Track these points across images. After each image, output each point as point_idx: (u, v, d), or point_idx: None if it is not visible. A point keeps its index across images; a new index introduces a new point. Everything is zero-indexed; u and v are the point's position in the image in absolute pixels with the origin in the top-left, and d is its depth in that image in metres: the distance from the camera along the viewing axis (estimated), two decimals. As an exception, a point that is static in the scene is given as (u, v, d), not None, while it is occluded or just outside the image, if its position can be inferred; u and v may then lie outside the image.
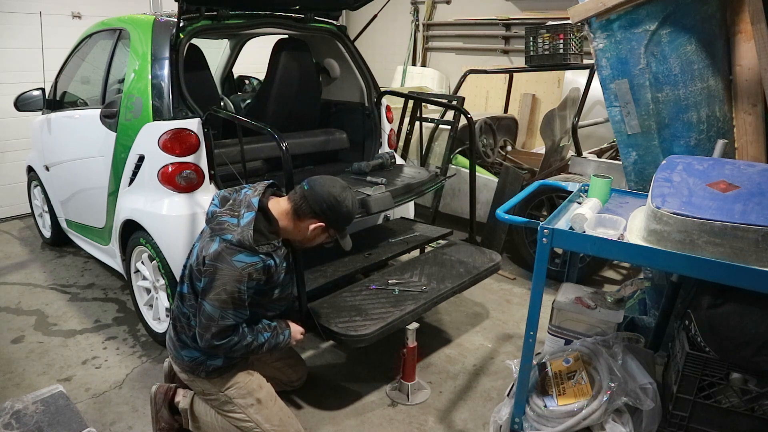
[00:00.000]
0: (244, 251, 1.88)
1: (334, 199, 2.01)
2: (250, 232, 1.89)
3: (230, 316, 1.90)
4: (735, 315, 1.59)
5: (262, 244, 1.92)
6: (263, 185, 2.07)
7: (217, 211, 2.00)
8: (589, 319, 2.03)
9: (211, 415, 2.17)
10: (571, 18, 2.05)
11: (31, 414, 1.61)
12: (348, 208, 2.06)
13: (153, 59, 2.77)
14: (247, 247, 1.88)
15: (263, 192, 2.03)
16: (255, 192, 2.02)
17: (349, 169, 3.26)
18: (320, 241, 2.13)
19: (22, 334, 3.11)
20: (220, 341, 1.92)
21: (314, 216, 2.02)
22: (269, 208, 2.02)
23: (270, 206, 2.03)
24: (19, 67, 4.79)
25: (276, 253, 1.99)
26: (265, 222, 1.98)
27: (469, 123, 3.25)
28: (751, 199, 1.56)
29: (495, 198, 4.02)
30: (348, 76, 3.62)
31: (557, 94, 5.62)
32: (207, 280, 1.89)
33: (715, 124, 2.03)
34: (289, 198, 2.06)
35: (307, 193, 2.01)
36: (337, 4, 3.41)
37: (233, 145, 2.93)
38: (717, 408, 1.69)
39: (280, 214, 2.03)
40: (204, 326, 1.90)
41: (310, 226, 2.03)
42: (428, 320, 3.24)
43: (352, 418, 2.45)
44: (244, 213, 1.94)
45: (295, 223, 2.04)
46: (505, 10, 6.21)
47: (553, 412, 1.85)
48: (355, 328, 2.29)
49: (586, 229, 1.72)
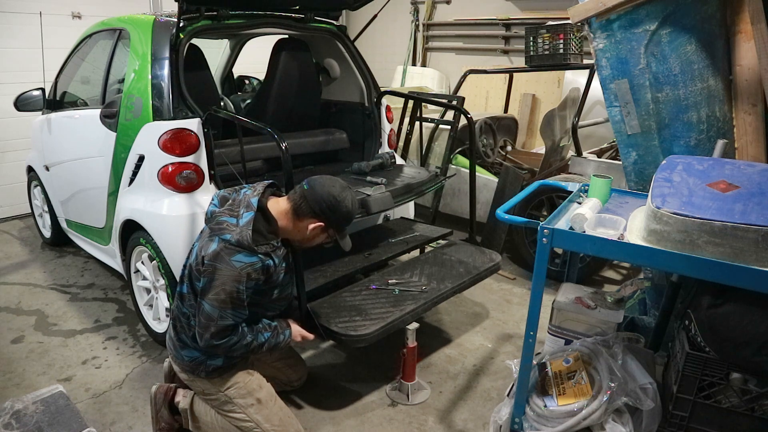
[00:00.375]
0: (242, 251, 1.88)
1: (334, 198, 2.00)
2: (249, 232, 1.89)
3: (229, 315, 1.90)
4: (735, 315, 1.59)
5: (261, 244, 1.92)
6: (263, 185, 2.07)
7: (217, 210, 2.01)
8: (589, 319, 2.03)
9: (211, 415, 2.17)
10: (571, 18, 2.05)
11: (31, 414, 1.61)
12: (348, 208, 2.05)
13: (153, 59, 2.78)
14: (245, 247, 1.88)
15: (263, 192, 2.03)
16: (254, 192, 2.02)
17: (349, 169, 3.26)
18: (320, 241, 2.12)
19: (22, 334, 3.11)
20: (220, 341, 1.92)
21: (314, 216, 2.02)
22: (268, 208, 2.02)
23: (269, 206, 2.02)
24: (19, 67, 4.79)
25: (275, 253, 1.98)
26: (264, 222, 1.98)
27: (469, 123, 3.25)
28: (751, 199, 1.56)
29: (495, 198, 4.02)
30: (348, 76, 3.62)
31: (557, 94, 5.62)
32: (206, 280, 1.89)
33: (715, 124, 2.03)
34: (289, 198, 2.06)
35: (307, 193, 2.01)
36: (337, 4, 3.41)
37: (233, 145, 2.93)
38: (717, 408, 1.69)
39: (280, 213, 2.03)
40: (203, 326, 1.90)
41: (310, 226, 2.03)
42: (428, 320, 3.24)
43: (352, 418, 2.45)
44: (243, 213, 1.94)
45: (294, 223, 2.04)
46: (505, 10, 6.21)
47: (553, 412, 1.85)
48: (355, 328, 2.29)
49: (586, 229, 1.72)
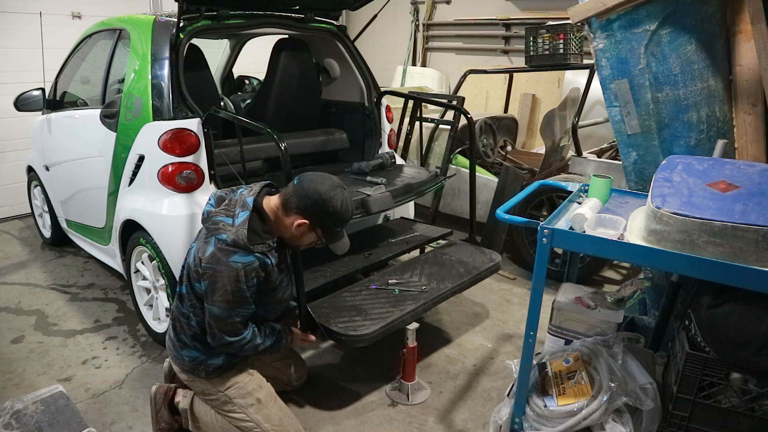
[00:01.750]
0: (239, 251, 1.88)
1: (319, 196, 1.94)
2: (245, 231, 1.89)
3: (238, 313, 1.93)
4: (735, 315, 1.59)
5: (257, 244, 1.92)
6: (259, 185, 2.06)
7: (213, 210, 2.00)
8: (589, 319, 2.03)
9: (211, 415, 2.17)
10: (571, 18, 2.05)
11: (31, 414, 1.61)
12: (335, 208, 1.96)
13: (153, 59, 2.78)
14: (241, 246, 1.88)
15: (258, 191, 2.02)
16: (250, 192, 2.01)
17: (349, 169, 3.26)
18: (309, 240, 2.06)
19: (22, 334, 3.11)
20: (233, 338, 1.97)
21: (298, 212, 1.97)
22: (263, 207, 2.01)
23: (263, 204, 2.02)
24: (19, 67, 4.79)
25: (271, 252, 1.98)
26: (259, 221, 1.97)
27: (469, 123, 3.24)
28: (751, 199, 1.56)
29: (495, 198, 4.02)
30: (348, 76, 3.62)
31: (557, 94, 5.62)
32: (208, 284, 1.90)
33: (715, 124, 2.03)
34: (281, 193, 2.03)
35: (296, 188, 1.98)
36: (337, 4, 3.41)
37: (233, 145, 2.93)
38: (717, 408, 1.69)
39: (271, 209, 2.02)
40: (215, 327, 1.94)
41: (295, 223, 1.98)
42: (428, 320, 3.24)
43: (352, 418, 2.45)
44: (238, 212, 1.94)
45: (282, 219, 2.01)
46: (505, 10, 6.21)
47: (553, 412, 1.85)
48: (355, 328, 2.29)
49: (586, 229, 1.72)
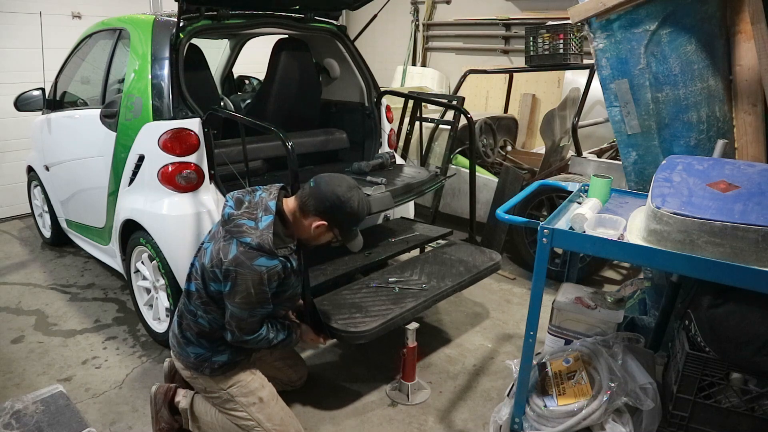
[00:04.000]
0: (263, 255, 1.90)
1: (338, 198, 1.98)
2: (270, 235, 1.91)
3: (258, 313, 1.99)
4: (735, 315, 1.59)
5: (281, 248, 1.95)
6: (276, 188, 2.07)
7: (234, 213, 1.99)
8: (589, 319, 2.03)
9: (211, 414, 2.18)
10: (571, 18, 2.05)
11: (31, 414, 1.61)
12: (353, 208, 2.02)
13: (153, 59, 2.77)
14: (266, 250, 1.90)
15: (278, 195, 2.04)
16: (270, 195, 2.02)
17: (349, 169, 3.26)
18: (325, 240, 2.11)
19: (22, 334, 3.11)
20: (250, 335, 2.03)
21: (317, 214, 2.00)
22: (284, 211, 2.03)
23: (282, 208, 2.04)
24: (19, 67, 4.78)
25: (292, 255, 2.02)
26: (281, 226, 2.00)
27: (469, 123, 3.24)
28: (751, 199, 1.56)
29: (495, 198, 4.02)
30: (348, 76, 3.62)
31: (557, 94, 5.62)
32: (230, 285, 1.91)
33: (715, 124, 2.03)
34: (297, 196, 2.06)
35: (313, 191, 2.00)
36: (337, 4, 3.41)
37: (233, 144, 2.93)
38: (717, 408, 1.69)
39: (289, 212, 2.04)
40: (235, 326, 1.99)
41: (313, 224, 2.01)
42: (428, 320, 3.24)
43: (352, 418, 2.45)
44: (262, 216, 1.95)
45: (300, 221, 2.03)
46: (505, 10, 6.21)
47: (553, 412, 1.85)
48: (355, 325, 2.29)
49: (586, 229, 1.72)
